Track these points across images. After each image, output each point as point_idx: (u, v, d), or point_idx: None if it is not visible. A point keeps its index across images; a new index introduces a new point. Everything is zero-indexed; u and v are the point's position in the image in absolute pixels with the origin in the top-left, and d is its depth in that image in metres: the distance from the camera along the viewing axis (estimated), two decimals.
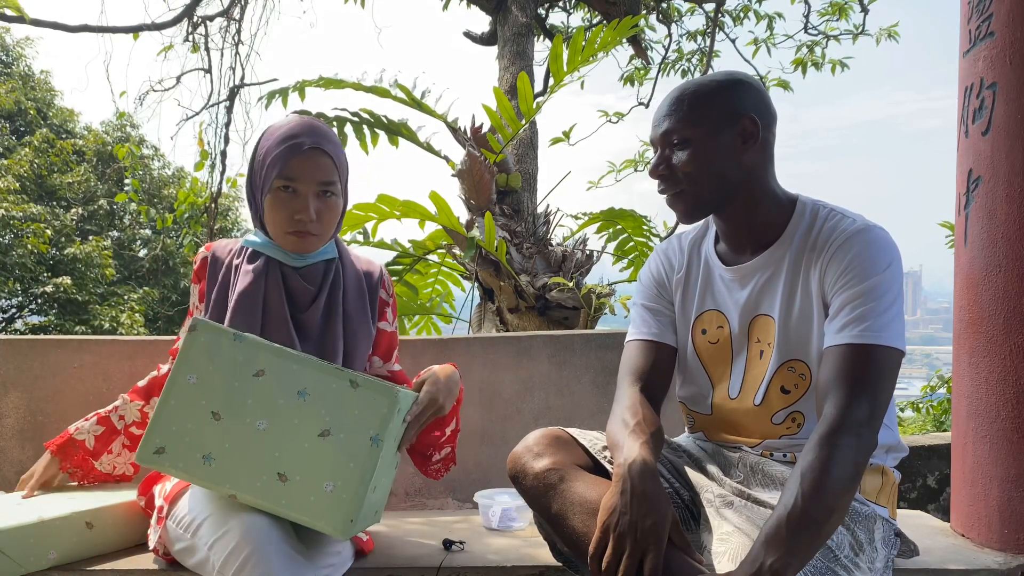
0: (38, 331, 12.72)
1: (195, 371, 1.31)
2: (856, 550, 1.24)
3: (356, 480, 1.28)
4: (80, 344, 2.18)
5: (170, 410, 1.31)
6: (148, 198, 13.61)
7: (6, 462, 2.16)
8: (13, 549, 1.49)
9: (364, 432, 1.29)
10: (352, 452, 1.29)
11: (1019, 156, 1.62)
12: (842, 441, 1.15)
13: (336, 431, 1.29)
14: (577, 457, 1.42)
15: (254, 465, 1.29)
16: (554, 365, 2.19)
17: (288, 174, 1.49)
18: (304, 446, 1.29)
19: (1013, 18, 1.63)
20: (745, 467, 1.41)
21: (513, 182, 4.22)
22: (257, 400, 1.30)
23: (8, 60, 14.84)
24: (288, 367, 1.31)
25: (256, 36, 5.78)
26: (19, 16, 4.47)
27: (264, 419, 1.29)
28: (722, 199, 1.38)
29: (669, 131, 1.38)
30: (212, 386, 1.31)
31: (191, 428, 1.30)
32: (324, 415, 1.29)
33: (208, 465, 1.29)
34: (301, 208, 1.50)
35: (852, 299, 1.25)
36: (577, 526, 1.30)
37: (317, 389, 1.30)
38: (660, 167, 1.39)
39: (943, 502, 2.55)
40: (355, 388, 1.30)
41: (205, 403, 1.31)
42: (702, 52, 7.36)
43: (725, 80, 1.38)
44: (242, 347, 1.31)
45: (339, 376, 1.31)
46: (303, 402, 1.30)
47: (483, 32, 5.62)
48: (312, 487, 1.28)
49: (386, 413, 1.29)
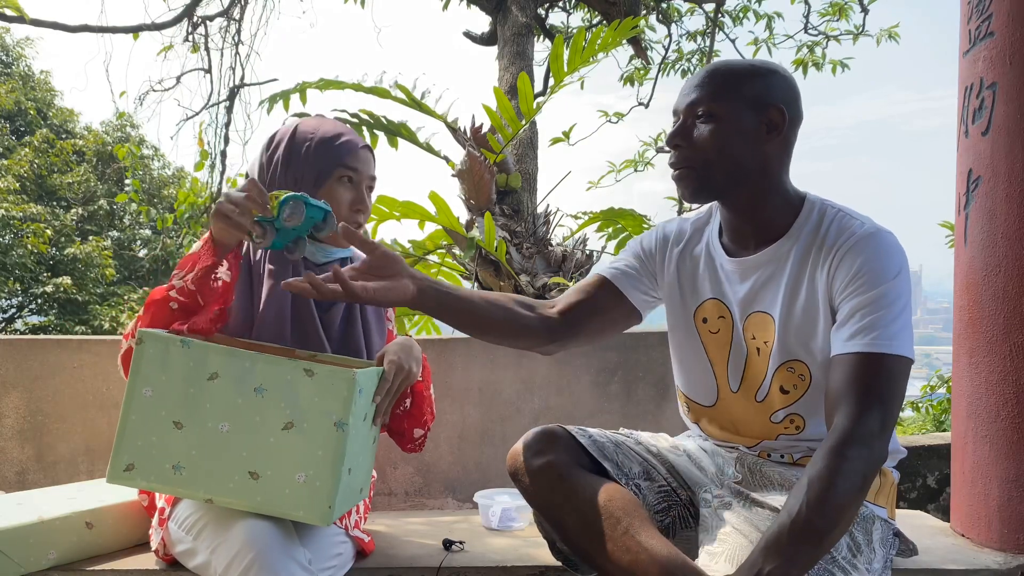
0: (38, 331, 12.73)
1: (149, 384, 1.30)
2: (854, 551, 1.24)
3: (327, 467, 1.28)
4: (80, 344, 2.18)
5: (132, 426, 1.30)
6: (148, 198, 13.60)
7: (6, 462, 2.16)
8: (13, 549, 1.49)
9: (327, 418, 1.28)
10: (319, 440, 1.28)
11: (1019, 156, 1.62)
12: (852, 452, 1.13)
13: (299, 422, 1.28)
14: (576, 455, 1.42)
15: (223, 467, 1.29)
16: (554, 365, 2.19)
17: (352, 164, 1.55)
18: (270, 441, 1.29)
19: (1013, 18, 1.63)
20: (743, 467, 1.41)
21: (513, 182, 4.22)
22: (215, 403, 1.29)
23: (8, 60, 14.85)
24: (240, 365, 1.29)
25: (256, 36, 5.79)
26: (19, 16, 4.47)
27: (225, 421, 1.29)
28: (732, 184, 1.34)
29: (696, 102, 1.34)
30: (169, 396, 1.30)
31: (155, 440, 1.30)
32: (284, 408, 1.29)
33: (179, 474, 1.29)
34: (359, 198, 1.57)
35: (862, 307, 1.23)
36: (575, 524, 1.30)
37: (273, 383, 1.29)
38: (678, 137, 1.35)
39: (943, 502, 2.55)
40: (311, 376, 1.28)
41: (165, 414, 1.30)
42: (702, 52, 7.36)
43: (763, 67, 1.36)
44: (191, 352, 1.30)
45: (293, 367, 1.29)
46: (261, 398, 1.29)
47: (483, 32, 5.62)
48: (284, 480, 1.28)
49: (347, 396, 1.28)
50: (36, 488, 1.86)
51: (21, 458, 2.16)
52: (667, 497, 1.44)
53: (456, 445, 2.18)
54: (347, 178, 1.56)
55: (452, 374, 2.19)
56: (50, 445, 2.17)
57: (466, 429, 2.18)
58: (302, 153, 1.55)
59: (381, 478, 2.17)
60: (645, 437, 1.55)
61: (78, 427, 2.17)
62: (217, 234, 1.38)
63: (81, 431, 2.17)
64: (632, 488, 1.40)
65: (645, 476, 1.44)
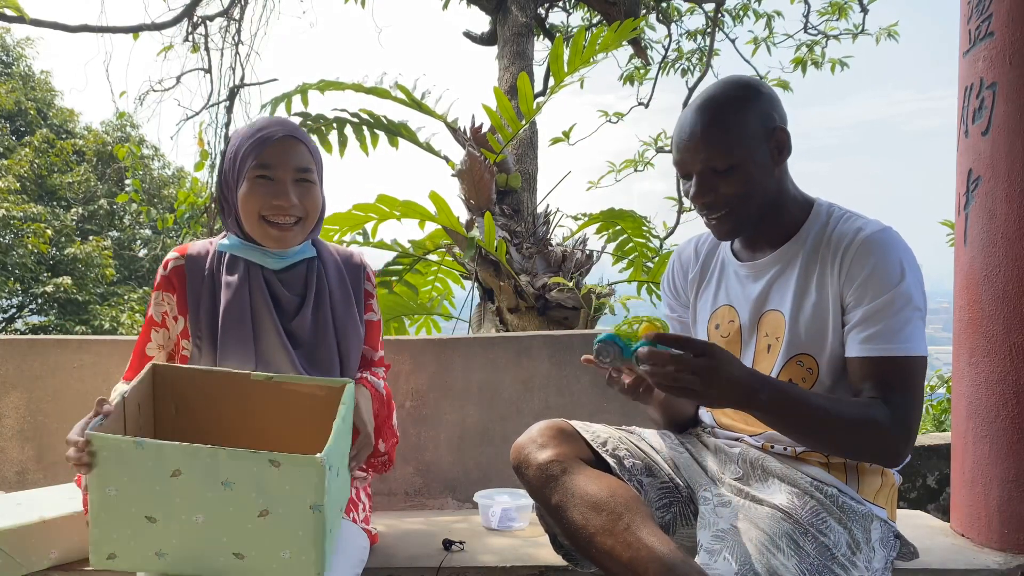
0: (38, 331, 12.73)
1: (112, 483, 1.24)
2: (853, 549, 1.24)
3: (309, 544, 1.26)
4: (80, 344, 2.18)
5: (104, 521, 1.25)
6: (148, 198, 13.61)
7: (6, 462, 2.16)
8: (14, 548, 1.50)
9: (302, 504, 1.24)
10: (296, 523, 1.25)
11: (1019, 156, 1.62)
12: (878, 412, 1.24)
13: (274, 508, 1.25)
14: (580, 450, 1.43)
15: (207, 552, 1.27)
16: (554, 365, 2.19)
17: (264, 161, 1.46)
18: (247, 527, 1.25)
19: (1013, 18, 1.63)
20: (745, 463, 1.41)
21: (513, 182, 4.22)
22: (184, 498, 1.25)
23: (8, 60, 14.86)
24: (202, 462, 1.24)
25: (256, 36, 5.79)
26: (19, 16, 4.47)
27: (199, 513, 1.25)
28: (762, 212, 1.40)
29: (710, 159, 1.35)
30: (135, 494, 1.25)
31: (131, 533, 1.26)
32: (256, 498, 1.25)
33: (163, 559, 1.27)
34: (280, 193, 1.46)
35: (876, 310, 1.29)
36: (577, 519, 1.30)
37: (239, 476, 1.24)
38: (705, 196, 1.38)
39: (943, 502, 2.56)
40: (278, 467, 1.23)
41: (135, 510, 1.25)
42: (702, 52, 7.37)
43: (744, 94, 1.37)
44: (147, 452, 1.24)
45: (257, 460, 1.24)
46: (231, 491, 1.24)
47: (483, 32, 5.62)
48: (270, 558, 1.26)
49: (317, 482, 1.24)
50: (36, 488, 1.86)
51: (21, 458, 2.16)
52: (668, 494, 1.45)
53: (456, 445, 2.18)
54: (261, 176, 1.47)
55: (452, 374, 2.19)
56: (50, 445, 2.17)
57: (466, 429, 2.18)
58: (231, 156, 1.51)
59: (381, 478, 2.17)
60: (648, 434, 1.56)
61: None
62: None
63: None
64: (634, 484, 1.41)
65: (647, 472, 1.45)
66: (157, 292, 1.54)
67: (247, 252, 1.53)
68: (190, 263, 1.54)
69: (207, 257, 1.55)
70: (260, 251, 1.53)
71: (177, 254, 1.55)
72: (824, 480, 1.34)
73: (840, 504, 1.30)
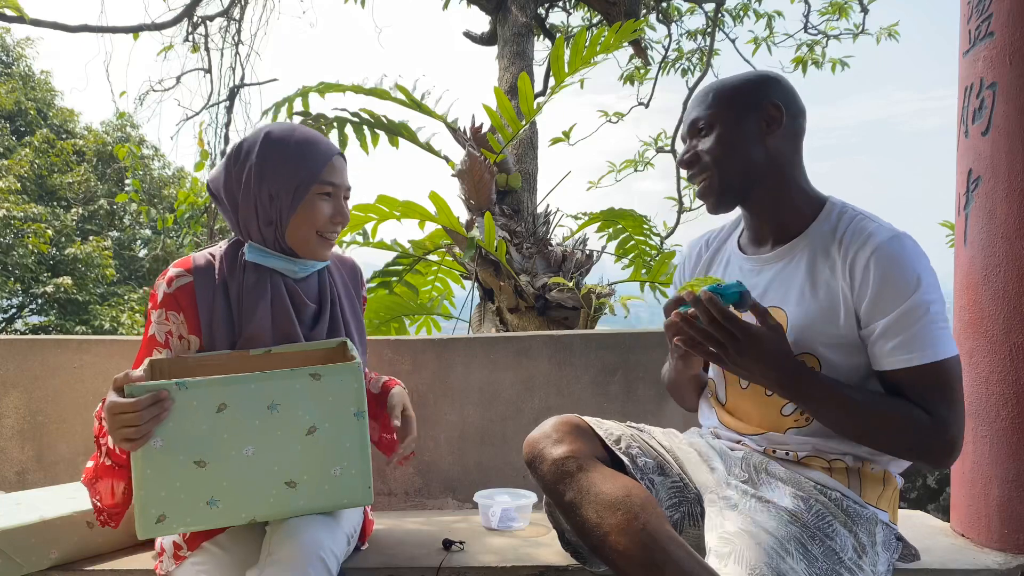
0: (38, 331, 12.74)
1: (157, 435, 1.27)
2: (859, 552, 1.25)
3: (358, 453, 1.33)
4: (80, 344, 2.18)
5: (151, 479, 1.27)
6: (148, 198, 13.62)
7: (6, 462, 2.17)
8: (14, 548, 1.50)
9: (346, 412, 1.32)
10: (344, 433, 1.32)
11: (1019, 156, 1.62)
12: (920, 415, 1.26)
13: (320, 423, 1.31)
14: (594, 447, 1.42)
15: (259, 487, 1.30)
16: (554, 365, 2.19)
17: (330, 179, 1.49)
18: (297, 449, 1.30)
19: (1013, 18, 1.63)
20: (749, 467, 1.41)
21: (513, 182, 4.22)
22: (232, 432, 1.28)
23: (8, 60, 14.86)
24: (246, 390, 1.29)
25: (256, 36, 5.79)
26: (19, 16, 4.47)
27: (248, 444, 1.29)
28: (749, 184, 1.41)
29: (695, 119, 1.44)
30: (182, 440, 1.27)
31: (180, 486, 1.28)
32: (303, 415, 1.30)
33: (215, 507, 1.29)
34: (340, 210, 1.52)
35: (895, 321, 1.28)
36: (591, 517, 1.29)
37: (284, 397, 1.29)
38: (687, 154, 1.45)
39: (943, 502, 2.55)
40: (319, 380, 1.31)
41: (183, 458, 1.27)
42: (702, 51, 7.37)
43: (753, 75, 1.46)
44: (191, 392, 1.27)
45: (298, 376, 1.30)
46: (277, 414, 1.29)
47: (483, 32, 5.62)
48: (322, 478, 1.32)
49: (357, 387, 1.32)
50: (36, 488, 1.86)
51: (21, 458, 2.17)
52: (678, 493, 1.44)
53: (456, 445, 2.18)
54: (326, 194, 1.50)
55: (452, 374, 2.19)
56: (50, 445, 2.17)
57: (466, 429, 2.18)
58: (277, 167, 1.46)
59: (381, 478, 2.17)
60: (657, 432, 1.56)
61: (78, 427, 2.17)
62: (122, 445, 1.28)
63: (81, 431, 2.17)
64: (646, 483, 1.40)
65: (659, 471, 1.44)
66: (160, 311, 1.46)
67: (272, 261, 1.51)
68: (199, 278, 1.48)
69: (215, 269, 1.50)
70: (285, 260, 1.51)
71: (182, 269, 1.48)
72: (827, 484, 1.34)
73: (844, 508, 1.30)
